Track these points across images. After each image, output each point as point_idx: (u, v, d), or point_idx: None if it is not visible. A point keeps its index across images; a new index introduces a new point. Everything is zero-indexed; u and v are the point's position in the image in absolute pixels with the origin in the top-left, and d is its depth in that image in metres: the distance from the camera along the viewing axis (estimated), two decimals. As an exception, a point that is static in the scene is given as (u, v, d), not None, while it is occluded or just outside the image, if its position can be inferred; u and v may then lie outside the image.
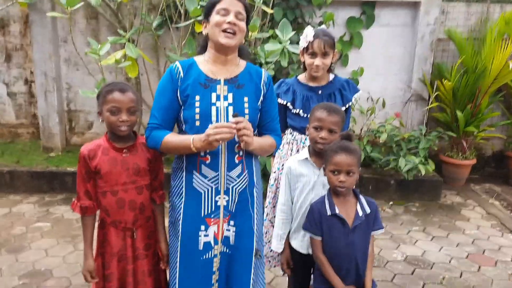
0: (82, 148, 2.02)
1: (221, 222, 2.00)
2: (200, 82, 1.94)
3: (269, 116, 2.10)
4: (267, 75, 2.08)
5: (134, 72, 3.97)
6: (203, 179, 1.96)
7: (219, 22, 1.88)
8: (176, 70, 1.97)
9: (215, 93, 1.94)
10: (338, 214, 1.96)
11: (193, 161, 1.97)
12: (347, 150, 1.94)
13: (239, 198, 2.02)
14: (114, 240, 2.05)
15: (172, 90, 1.96)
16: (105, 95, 1.97)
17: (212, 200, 1.98)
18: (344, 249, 1.97)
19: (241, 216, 2.04)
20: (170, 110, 1.98)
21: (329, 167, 1.97)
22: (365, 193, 4.65)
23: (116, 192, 2.01)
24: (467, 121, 5.01)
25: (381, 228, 2.06)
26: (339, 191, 1.97)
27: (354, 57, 5.25)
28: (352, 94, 2.65)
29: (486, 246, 3.83)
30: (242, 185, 2.02)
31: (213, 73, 1.97)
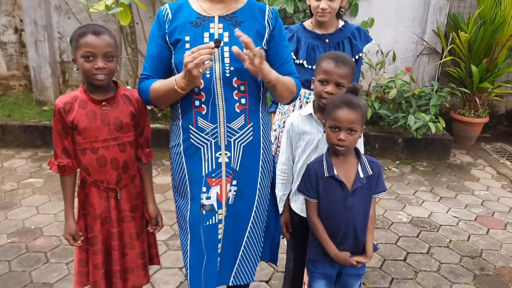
0: (57, 100, 1.81)
1: (223, 182, 1.78)
2: (190, 22, 1.70)
3: (280, 58, 1.81)
4: (272, 10, 1.79)
5: (126, 19, 3.71)
6: (201, 133, 1.74)
7: None
8: (164, 12, 1.74)
9: (208, 32, 1.69)
10: (336, 176, 1.76)
11: (188, 114, 1.75)
12: (350, 104, 1.72)
13: (243, 154, 1.79)
14: (96, 201, 1.88)
15: (161, 36, 1.74)
16: (78, 39, 1.72)
17: (213, 156, 1.76)
18: (342, 213, 1.79)
19: (245, 176, 1.82)
20: (160, 58, 1.76)
21: (329, 123, 1.75)
22: (371, 152, 4.56)
23: (96, 150, 1.82)
24: (482, 76, 4.73)
25: (384, 190, 1.86)
26: (338, 150, 1.76)
27: (364, 6, 4.89)
28: (363, 43, 2.40)
29: (495, 207, 3.67)
30: (247, 140, 1.78)
31: (206, 10, 1.72)
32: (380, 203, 3.67)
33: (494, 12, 4.53)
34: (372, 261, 2.87)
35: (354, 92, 1.78)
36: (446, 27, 4.90)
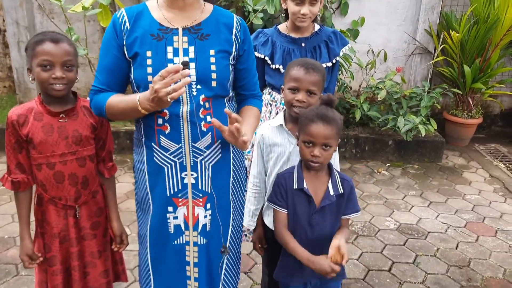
0: (10, 112, 1.72)
1: (190, 203, 1.66)
2: (151, 34, 1.54)
3: (248, 73, 1.72)
4: (239, 20, 1.67)
5: (106, 20, 3.57)
6: (164, 152, 1.62)
7: None
8: (121, 19, 1.57)
9: (172, 46, 1.54)
10: (306, 189, 1.67)
11: (149, 131, 1.61)
12: (325, 118, 1.62)
13: (213, 174, 1.67)
14: (54, 219, 1.78)
15: (117, 46, 1.57)
16: (34, 46, 1.62)
17: (178, 177, 1.63)
18: (307, 230, 1.70)
19: (218, 198, 1.70)
20: (116, 71, 1.60)
21: (302, 137, 1.65)
22: (361, 154, 4.46)
23: (53, 165, 1.72)
24: (475, 77, 4.62)
25: (357, 211, 1.75)
26: (311, 166, 1.66)
27: (355, 5, 4.78)
28: (340, 47, 2.30)
29: (487, 213, 3.57)
30: (215, 159, 1.66)
31: (168, 20, 1.57)
32: (367, 208, 3.57)
33: (487, 10, 4.41)
34: (356, 272, 2.79)
35: (329, 104, 1.68)
36: (438, 26, 4.78)
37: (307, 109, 1.70)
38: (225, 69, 1.60)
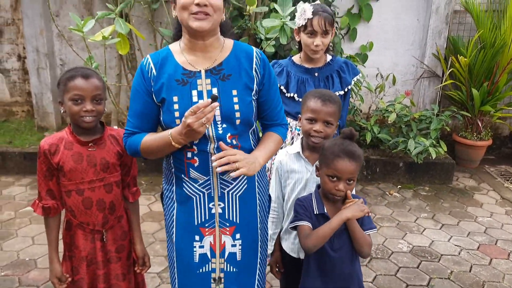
0: (42, 142, 1.82)
1: (217, 232, 1.73)
2: (176, 79, 1.63)
3: (270, 104, 1.76)
4: (259, 55, 1.71)
5: (125, 49, 3.71)
6: (193, 183, 1.69)
7: (185, 4, 1.53)
8: (147, 67, 1.66)
9: (196, 90, 1.62)
10: (326, 213, 1.73)
11: (180, 164, 1.69)
12: (352, 156, 1.67)
13: (241, 204, 1.73)
14: (82, 243, 1.86)
15: (146, 92, 1.66)
16: (66, 82, 1.74)
17: (205, 207, 1.70)
18: (330, 254, 1.75)
19: (247, 227, 1.77)
20: (147, 115, 1.69)
21: (327, 171, 1.70)
22: (372, 176, 4.51)
23: (82, 191, 1.81)
24: (483, 99, 4.68)
25: (372, 228, 1.80)
26: (334, 198, 1.72)
27: (363, 30, 4.91)
28: (351, 76, 2.39)
29: (499, 235, 3.59)
30: (241, 189, 1.73)
31: (191, 64, 1.64)
32: (380, 231, 3.61)
33: (493, 35, 4.50)
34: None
35: (351, 138, 1.73)
36: (446, 50, 4.88)
37: (331, 143, 1.73)
38: (248, 107, 1.66)
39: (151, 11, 4.36)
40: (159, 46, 4.71)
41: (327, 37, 2.29)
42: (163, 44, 4.55)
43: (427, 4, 4.82)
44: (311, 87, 2.33)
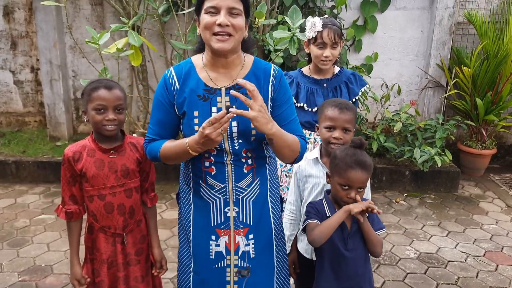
0: (66, 150, 1.91)
1: (231, 233, 1.82)
2: (198, 94, 1.71)
3: (285, 118, 1.80)
4: (276, 72, 1.78)
5: (137, 60, 3.82)
6: (210, 190, 1.79)
7: (208, 24, 1.61)
8: (171, 80, 1.75)
9: (216, 106, 1.70)
10: None
11: (198, 171, 1.79)
12: (363, 165, 1.74)
13: (254, 208, 1.83)
14: (103, 246, 1.95)
15: (168, 104, 1.76)
16: (90, 93, 1.84)
17: (221, 211, 1.80)
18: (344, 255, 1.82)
19: (260, 229, 1.86)
20: (168, 123, 1.79)
21: (339, 180, 1.77)
22: (378, 185, 4.58)
23: (103, 196, 1.90)
24: (487, 109, 4.76)
25: (381, 228, 1.88)
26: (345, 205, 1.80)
27: (368, 42, 5.02)
28: (359, 87, 2.49)
29: (505, 242, 3.64)
30: (254, 194, 1.82)
31: (212, 80, 1.72)
32: (387, 238, 3.67)
33: (496, 46, 4.59)
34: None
35: (361, 147, 1.80)
36: (449, 61, 4.97)
37: (343, 153, 1.80)
38: None
39: (162, 23, 4.48)
40: (169, 57, 4.83)
41: (336, 49, 2.39)
42: (173, 55, 4.67)
43: (431, 16, 4.93)
44: (320, 97, 2.43)
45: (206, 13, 1.62)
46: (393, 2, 4.91)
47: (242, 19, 1.65)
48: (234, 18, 1.61)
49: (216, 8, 1.59)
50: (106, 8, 4.97)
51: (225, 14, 1.59)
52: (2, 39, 5.19)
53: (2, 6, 5.08)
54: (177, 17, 4.24)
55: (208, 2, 1.61)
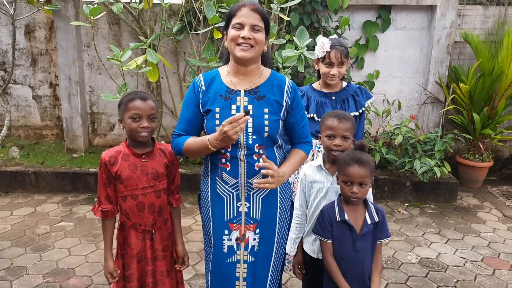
0: (103, 154, 2.12)
1: (242, 228, 2.05)
2: (220, 95, 2.00)
3: (297, 125, 2.10)
4: (290, 84, 2.07)
5: (154, 77, 4.09)
6: (225, 185, 2.03)
7: (234, 37, 1.91)
8: (199, 83, 2.05)
9: (235, 104, 1.98)
10: (347, 220, 2.01)
11: (214, 168, 2.04)
12: (360, 162, 1.97)
13: (263, 204, 2.06)
14: (134, 242, 2.15)
15: (195, 103, 2.05)
16: (127, 103, 2.05)
17: (234, 206, 2.04)
18: (352, 255, 2.02)
19: (266, 224, 2.09)
20: (193, 121, 2.06)
21: (342, 178, 2.00)
22: (381, 194, 4.80)
23: (136, 196, 2.10)
24: (484, 123, 5.00)
25: (388, 236, 2.10)
26: (351, 201, 2.01)
27: (370, 60, 5.29)
28: (365, 99, 2.73)
29: (502, 249, 3.83)
30: (264, 192, 2.05)
31: (234, 84, 2.01)
32: (390, 244, 3.87)
33: (492, 64, 4.85)
34: (382, 300, 3.06)
35: (362, 148, 2.04)
36: (447, 78, 5.23)
37: (344, 154, 2.05)
38: (275, 124, 2.01)
39: (176, 42, 4.76)
40: (182, 74, 5.10)
41: (342, 67, 2.65)
42: (187, 71, 4.93)
43: (429, 36, 5.21)
44: (329, 109, 2.67)
45: (233, 28, 1.92)
46: (393, 23, 5.19)
47: (263, 35, 1.95)
48: (256, 33, 1.92)
49: (241, 24, 1.91)
50: (123, 27, 5.26)
51: (249, 29, 1.90)
52: (23, 56, 5.48)
53: (24, 25, 5.37)
54: (191, 36, 4.52)
55: (235, 19, 1.92)
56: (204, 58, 4.30)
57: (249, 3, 1.94)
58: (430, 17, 5.16)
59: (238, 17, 1.92)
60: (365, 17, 5.17)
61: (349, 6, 4.91)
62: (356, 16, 5.16)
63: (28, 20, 5.35)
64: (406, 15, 5.18)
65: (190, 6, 4.54)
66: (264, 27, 1.96)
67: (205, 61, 4.14)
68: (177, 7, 5.11)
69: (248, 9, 1.91)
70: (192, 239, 3.86)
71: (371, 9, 5.15)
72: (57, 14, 5.03)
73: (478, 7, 5.34)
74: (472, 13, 5.32)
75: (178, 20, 4.72)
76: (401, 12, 5.17)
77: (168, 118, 5.16)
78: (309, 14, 4.87)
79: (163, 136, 5.22)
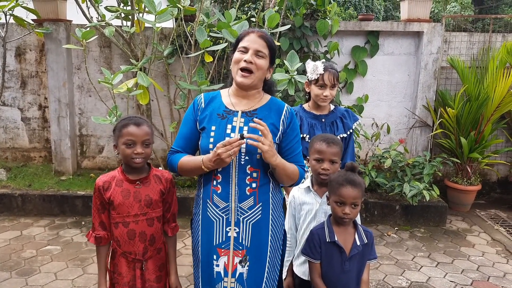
0: (98, 179, 2.09)
1: (231, 254, 2.02)
2: (218, 113, 2.03)
3: (292, 151, 2.09)
4: (289, 109, 2.09)
5: (145, 99, 4.10)
6: (215, 208, 2.01)
7: (237, 60, 1.98)
8: (199, 101, 2.11)
9: (231, 124, 2.00)
10: (337, 242, 2.02)
11: (207, 190, 2.04)
12: (352, 183, 1.99)
13: (253, 231, 2.02)
14: (125, 270, 2.10)
15: (193, 120, 2.09)
16: (121, 129, 2.03)
17: (223, 230, 2.01)
18: (340, 276, 2.03)
19: (256, 252, 2.04)
20: (191, 138, 2.09)
21: (334, 198, 2.02)
22: (370, 218, 4.82)
23: (127, 224, 2.06)
24: (471, 147, 5.07)
25: (375, 258, 2.12)
26: (343, 222, 2.03)
27: (359, 84, 5.37)
28: (352, 122, 2.80)
29: (491, 273, 3.85)
30: (255, 218, 2.02)
31: (233, 105, 2.05)
32: (380, 268, 3.86)
33: (477, 89, 4.95)
34: (373, 325, 3.03)
35: (353, 170, 2.06)
36: (435, 102, 5.32)
37: (336, 175, 2.07)
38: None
39: (167, 65, 4.79)
40: (172, 97, 5.12)
41: (334, 89, 2.71)
42: (178, 94, 4.95)
43: (417, 61, 5.32)
44: (319, 130, 2.71)
45: (238, 51, 2.00)
46: (381, 48, 5.30)
47: (265, 62, 2.00)
48: (259, 59, 1.97)
49: (246, 48, 1.97)
50: (114, 50, 5.29)
51: (252, 54, 1.96)
52: (13, 78, 5.46)
53: (14, 47, 5.37)
54: (182, 60, 4.56)
55: (242, 43, 2.00)
56: (195, 81, 4.33)
57: (258, 30, 2.02)
58: (417, 43, 5.28)
59: (244, 41, 1.99)
60: (353, 42, 5.28)
61: (338, 31, 5.01)
62: (345, 41, 5.26)
63: (19, 42, 5.35)
64: (394, 40, 5.29)
65: (181, 30, 4.59)
66: (269, 55, 2.01)
67: (196, 84, 4.17)
68: (169, 31, 5.17)
69: (255, 35, 1.99)
70: (181, 263, 3.81)
71: (359, 34, 5.26)
72: (48, 36, 5.05)
73: (464, 33, 5.48)
74: (458, 39, 5.46)
75: (169, 43, 4.76)
76: (389, 38, 5.28)
77: (158, 141, 5.14)
78: (299, 39, 4.95)
79: (152, 159, 5.20)
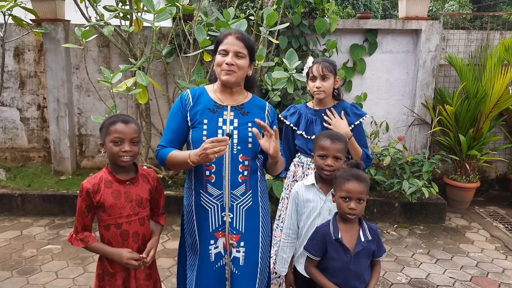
0: (85, 182, 2.02)
1: (227, 233, 2.15)
2: (208, 108, 2.14)
3: None
4: (270, 108, 2.28)
5: (144, 98, 4.10)
6: (209, 197, 2.13)
7: (219, 63, 2.10)
8: (186, 97, 2.19)
9: (222, 118, 2.13)
10: (341, 239, 2.02)
11: (200, 180, 2.13)
12: (358, 178, 2.00)
13: (246, 216, 2.17)
14: (118, 272, 2.06)
15: (181, 115, 2.17)
16: (108, 126, 1.99)
17: (219, 216, 2.14)
18: (345, 273, 2.03)
19: (250, 237, 2.18)
20: (179, 132, 2.17)
21: (340, 194, 2.02)
22: (370, 216, 4.83)
23: (120, 225, 2.02)
24: (470, 144, 5.09)
25: (384, 251, 2.12)
26: (349, 218, 2.02)
27: (358, 82, 5.39)
28: (356, 117, 2.76)
29: (490, 269, 3.86)
30: (247, 204, 2.17)
31: (221, 100, 2.17)
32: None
33: (476, 87, 4.97)
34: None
35: (357, 166, 2.08)
36: (433, 100, 5.34)
37: (341, 171, 2.08)
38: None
39: (165, 64, 4.80)
40: (171, 96, 5.13)
41: (327, 81, 2.67)
42: (177, 93, 4.96)
43: (415, 59, 5.34)
44: (317, 126, 2.71)
45: (219, 54, 2.11)
46: (380, 46, 5.31)
47: (246, 61, 2.12)
48: (239, 60, 2.09)
49: (226, 51, 2.08)
50: (112, 49, 5.29)
51: (232, 56, 2.07)
52: (11, 78, 5.46)
53: (13, 47, 5.38)
54: (181, 59, 4.57)
55: (222, 46, 2.10)
56: (194, 80, 4.33)
57: (235, 32, 2.12)
58: (415, 40, 5.30)
59: (224, 44, 2.09)
60: (352, 40, 5.29)
61: (336, 29, 5.02)
62: (343, 40, 5.28)
63: (18, 42, 5.36)
64: (392, 38, 5.31)
65: (180, 29, 4.59)
66: (248, 54, 2.11)
67: (195, 83, 4.18)
68: (167, 30, 5.18)
69: (233, 38, 2.09)
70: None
71: (358, 32, 5.28)
72: (47, 36, 5.05)
73: (462, 31, 5.50)
74: (456, 37, 5.48)
75: (168, 42, 4.77)
76: (387, 36, 5.30)
77: (157, 140, 5.15)
78: (297, 37, 4.96)
79: (151, 158, 5.20)
